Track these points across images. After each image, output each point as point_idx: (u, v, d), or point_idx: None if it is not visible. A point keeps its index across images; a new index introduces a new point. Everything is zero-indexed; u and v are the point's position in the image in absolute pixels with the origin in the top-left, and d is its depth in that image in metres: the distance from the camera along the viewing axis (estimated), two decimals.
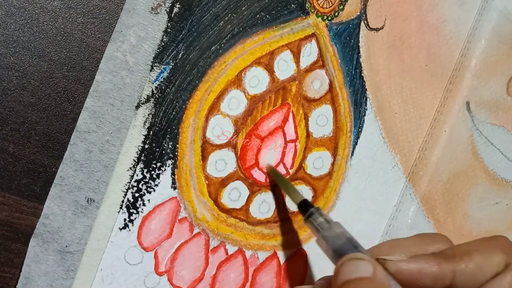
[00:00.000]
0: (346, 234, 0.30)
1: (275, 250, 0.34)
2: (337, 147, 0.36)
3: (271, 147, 0.33)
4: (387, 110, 0.38)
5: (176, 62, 0.29)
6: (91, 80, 0.28)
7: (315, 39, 0.34)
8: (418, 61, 0.39)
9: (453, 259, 0.29)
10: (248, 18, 0.31)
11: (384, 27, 0.37)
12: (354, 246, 0.29)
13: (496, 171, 0.44)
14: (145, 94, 0.29)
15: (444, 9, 0.39)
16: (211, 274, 0.32)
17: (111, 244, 0.29)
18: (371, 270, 0.27)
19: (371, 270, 0.27)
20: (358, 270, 0.27)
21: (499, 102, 0.43)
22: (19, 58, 0.26)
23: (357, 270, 0.27)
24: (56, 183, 0.27)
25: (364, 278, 0.27)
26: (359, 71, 0.36)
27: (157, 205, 0.30)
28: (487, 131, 0.43)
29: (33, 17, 0.26)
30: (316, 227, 0.30)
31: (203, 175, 0.31)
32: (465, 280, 0.29)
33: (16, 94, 0.26)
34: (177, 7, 0.29)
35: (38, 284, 0.27)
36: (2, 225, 0.27)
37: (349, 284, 0.27)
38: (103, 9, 0.28)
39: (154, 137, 0.29)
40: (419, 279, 0.29)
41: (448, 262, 0.29)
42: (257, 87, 0.32)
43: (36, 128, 0.27)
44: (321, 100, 0.35)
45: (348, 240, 0.29)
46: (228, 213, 0.32)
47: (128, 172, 0.29)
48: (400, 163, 0.40)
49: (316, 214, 0.30)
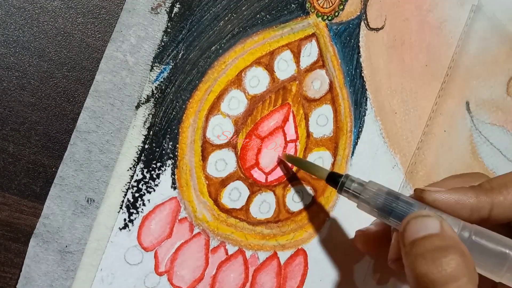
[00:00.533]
0: (383, 190, 0.30)
1: (275, 250, 0.34)
2: (337, 147, 0.36)
3: (271, 147, 0.33)
4: (387, 110, 0.38)
5: (176, 62, 0.29)
6: (91, 80, 0.27)
7: (315, 39, 0.34)
8: (418, 61, 0.39)
9: (491, 192, 0.29)
10: (248, 18, 0.31)
11: (384, 27, 0.37)
12: (396, 197, 0.30)
13: (496, 171, 0.44)
14: (145, 94, 0.29)
15: (444, 9, 0.39)
16: (211, 274, 0.32)
17: (111, 244, 0.29)
18: (438, 226, 0.27)
19: (438, 226, 0.27)
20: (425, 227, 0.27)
21: (499, 102, 0.43)
22: (19, 58, 0.26)
23: (424, 228, 0.27)
24: (56, 183, 0.27)
25: (433, 235, 0.27)
26: (359, 71, 0.36)
27: (157, 205, 0.30)
28: (487, 131, 0.43)
29: (33, 17, 0.26)
30: (353, 194, 0.31)
31: (203, 175, 0.31)
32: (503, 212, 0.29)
33: (16, 94, 0.26)
34: (177, 7, 0.29)
35: (38, 284, 0.27)
36: (2, 225, 0.27)
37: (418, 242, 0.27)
38: (103, 9, 0.28)
39: (154, 137, 0.29)
40: (457, 210, 0.29)
41: (486, 194, 0.29)
42: (257, 87, 0.32)
43: (36, 128, 0.27)
44: (321, 100, 0.35)
45: (387, 194, 0.30)
46: (228, 213, 0.32)
47: (128, 172, 0.29)
48: (400, 163, 0.40)
49: (348, 182, 0.31)
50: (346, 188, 0.31)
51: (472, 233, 0.28)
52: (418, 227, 0.27)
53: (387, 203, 0.30)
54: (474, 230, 0.28)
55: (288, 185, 0.34)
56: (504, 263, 0.27)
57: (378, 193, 0.30)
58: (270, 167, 0.34)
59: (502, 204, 0.29)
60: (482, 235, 0.28)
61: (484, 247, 0.27)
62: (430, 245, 0.26)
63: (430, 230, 0.27)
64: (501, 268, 0.27)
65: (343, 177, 0.31)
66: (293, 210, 0.35)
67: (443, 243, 0.26)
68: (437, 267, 0.25)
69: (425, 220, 0.27)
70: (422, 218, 0.27)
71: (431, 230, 0.27)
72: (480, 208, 0.29)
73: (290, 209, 0.35)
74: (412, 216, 0.28)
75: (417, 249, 0.26)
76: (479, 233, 0.28)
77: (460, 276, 0.25)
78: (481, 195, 0.29)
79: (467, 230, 0.28)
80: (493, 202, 0.29)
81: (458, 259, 0.25)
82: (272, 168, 0.34)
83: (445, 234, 0.27)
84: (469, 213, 0.29)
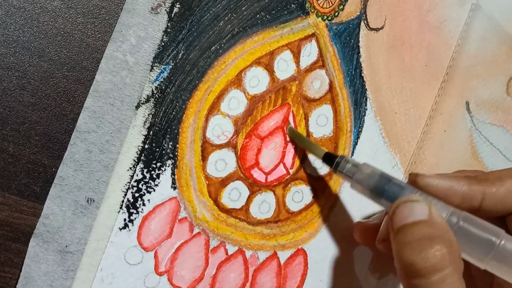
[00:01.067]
0: (376, 172, 0.31)
1: (275, 250, 0.34)
2: (337, 147, 0.36)
3: (271, 147, 0.33)
4: (387, 110, 0.38)
5: (176, 62, 0.29)
6: (91, 80, 0.27)
7: (315, 39, 0.34)
8: (418, 61, 0.39)
9: (485, 182, 0.30)
10: (248, 18, 0.31)
11: (384, 27, 0.37)
12: (388, 180, 0.30)
13: None
14: (145, 94, 0.29)
15: (444, 9, 0.39)
16: (211, 274, 0.32)
17: (111, 244, 0.29)
18: (427, 211, 0.27)
19: (426, 212, 0.27)
20: (413, 213, 0.27)
21: (499, 102, 0.43)
22: (19, 58, 0.26)
23: (412, 214, 0.27)
24: (56, 183, 0.27)
25: (421, 221, 0.27)
26: (359, 71, 0.36)
27: (157, 205, 0.30)
28: (487, 131, 0.43)
29: (33, 17, 0.26)
30: (347, 175, 0.31)
31: (203, 175, 0.31)
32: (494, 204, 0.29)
33: (16, 94, 0.26)
34: (177, 7, 0.29)
35: (38, 284, 0.27)
36: (2, 225, 0.27)
37: (406, 228, 0.27)
38: (103, 9, 0.28)
39: (154, 137, 0.29)
40: (448, 196, 0.29)
41: (479, 184, 0.30)
42: (257, 87, 0.32)
43: (36, 128, 0.27)
44: (321, 100, 0.35)
45: (380, 176, 0.30)
46: (228, 213, 0.32)
47: (128, 172, 0.29)
48: (400, 163, 0.40)
49: (342, 162, 0.32)
50: (340, 169, 0.31)
51: (460, 219, 0.28)
52: (407, 212, 0.27)
53: (379, 184, 0.30)
54: (463, 216, 0.28)
55: (288, 185, 0.34)
56: (490, 250, 0.27)
57: (372, 174, 0.31)
58: (270, 167, 0.34)
59: (494, 195, 0.29)
60: (471, 221, 0.28)
61: (472, 233, 0.27)
62: (418, 233, 0.26)
63: (418, 216, 0.27)
64: (486, 255, 0.27)
65: (339, 157, 0.32)
66: (293, 210, 0.35)
67: (430, 231, 0.26)
68: (423, 257, 0.25)
69: (414, 205, 0.28)
70: (412, 203, 0.28)
71: (420, 216, 0.27)
72: (472, 197, 0.29)
73: (290, 209, 0.35)
74: (402, 201, 0.28)
75: (405, 236, 0.27)
76: (467, 219, 0.28)
77: (445, 266, 0.25)
78: (473, 184, 0.30)
79: (456, 216, 0.28)
80: (485, 192, 0.29)
81: (444, 249, 0.26)
82: (272, 168, 0.34)
83: (433, 220, 0.27)
84: (460, 201, 0.29)
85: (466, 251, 0.28)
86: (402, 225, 0.27)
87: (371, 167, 0.31)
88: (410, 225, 0.27)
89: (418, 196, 0.28)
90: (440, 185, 0.29)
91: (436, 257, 0.25)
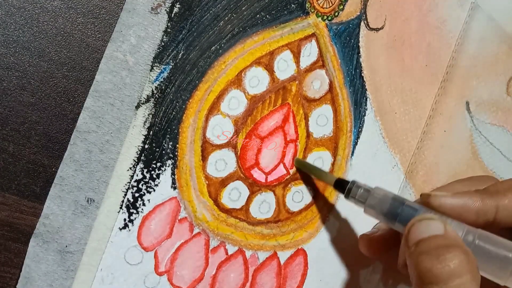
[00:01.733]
0: (389, 195, 0.31)
1: (275, 250, 0.34)
2: (337, 147, 0.36)
3: (271, 147, 0.33)
4: (387, 110, 0.38)
5: (176, 62, 0.29)
6: (91, 80, 0.27)
7: (315, 39, 0.34)
8: (418, 61, 0.39)
9: (497, 195, 0.30)
10: (248, 18, 0.31)
11: (384, 27, 0.37)
12: (401, 203, 0.30)
13: (495, 171, 0.44)
14: (145, 94, 0.29)
15: (444, 9, 0.39)
16: (211, 274, 0.32)
17: (111, 244, 0.29)
18: (442, 228, 0.27)
19: (442, 228, 0.27)
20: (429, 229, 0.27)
21: (499, 102, 0.43)
22: (19, 58, 0.26)
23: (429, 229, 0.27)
24: (56, 183, 0.27)
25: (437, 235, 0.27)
26: (359, 71, 0.36)
27: (157, 205, 0.30)
28: (487, 131, 0.43)
29: (33, 17, 0.26)
30: (359, 200, 0.31)
31: (203, 175, 0.31)
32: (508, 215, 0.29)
33: (16, 94, 0.26)
34: (177, 7, 0.29)
35: (38, 284, 0.27)
36: (2, 225, 0.27)
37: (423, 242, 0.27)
38: (103, 9, 0.28)
39: (154, 137, 0.29)
40: (463, 214, 0.29)
41: (491, 197, 0.30)
42: (257, 87, 0.32)
43: (36, 128, 0.27)
44: (321, 100, 0.35)
45: (393, 199, 0.31)
46: (228, 213, 0.32)
47: (128, 172, 0.29)
48: (400, 163, 0.40)
49: (354, 188, 0.32)
50: (352, 195, 0.32)
51: (476, 237, 0.28)
52: (422, 229, 0.28)
53: (392, 208, 0.30)
54: (478, 234, 0.28)
55: (288, 185, 0.34)
56: (508, 266, 0.27)
57: (384, 198, 0.31)
58: (270, 167, 0.34)
59: (507, 207, 0.29)
60: (486, 239, 0.28)
61: (488, 251, 0.27)
62: (434, 244, 0.26)
63: (434, 231, 0.27)
64: (505, 272, 0.27)
65: (350, 183, 0.32)
66: (293, 210, 0.35)
67: (447, 242, 0.26)
68: (441, 262, 0.25)
69: (429, 222, 0.28)
70: (427, 221, 0.28)
71: (435, 231, 0.27)
72: (486, 212, 0.29)
73: (290, 209, 0.35)
74: (417, 219, 0.28)
75: (421, 247, 0.27)
76: (483, 237, 0.28)
77: (463, 273, 0.25)
78: (486, 198, 0.29)
79: (471, 234, 0.28)
80: (498, 205, 0.29)
81: (461, 256, 0.25)
82: (272, 168, 0.34)
83: (448, 235, 0.27)
84: (475, 217, 0.29)
85: (485, 268, 0.28)
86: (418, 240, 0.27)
87: (383, 190, 0.31)
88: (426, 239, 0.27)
89: (432, 215, 0.28)
90: (454, 204, 0.29)
91: (454, 263, 0.25)
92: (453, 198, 0.29)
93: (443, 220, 0.28)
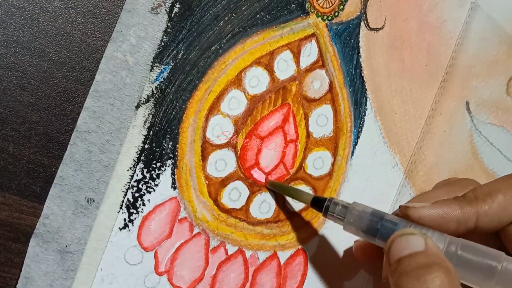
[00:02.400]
0: (367, 211, 0.30)
1: (275, 250, 0.34)
2: (337, 147, 0.36)
3: (271, 147, 0.33)
4: (387, 110, 0.38)
5: (176, 62, 0.29)
6: (91, 80, 0.27)
7: (315, 39, 0.34)
8: (418, 61, 0.39)
9: (476, 202, 0.29)
10: (248, 18, 0.31)
11: (384, 27, 0.37)
12: (380, 218, 0.29)
13: (495, 171, 0.44)
14: (145, 94, 0.29)
15: (444, 9, 0.39)
16: (211, 274, 0.32)
17: (111, 244, 0.29)
18: (423, 243, 0.27)
19: (422, 244, 0.27)
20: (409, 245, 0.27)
21: (499, 102, 0.43)
22: (19, 58, 0.26)
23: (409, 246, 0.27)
24: (56, 183, 0.27)
25: (418, 252, 0.26)
26: (359, 71, 0.36)
27: (157, 205, 0.30)
28: (487, 131, 0.43)
29: (33, 17, 0.26)
30: (338, 218, 0.31)
31: (203, 175, 0.31)
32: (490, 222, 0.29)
33: (16, 94, 0.26)
34: (177, 7, 0.29)
35: (38, 284, 0.27)
36: (2, 225, 0.27)
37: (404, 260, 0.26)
38: (103, 9, 0.28)
39: (154, 137, 0.29)
40: (443, 224, 0.29)
41: (470, 205, 0.29)
42: (257, 87, 0.32)
43: (36, 128, 0.27)
44: (321, 100, 0.35)
45: (372, 215, 0.30)
46: (228, 213, 0.32)
47: (128, 172, 0.29)
48: (400, 163, 0.40)
49: (332, 205, 0.31)
50: (330, 213, 0.31)
51: (458, 247, 0.27)
52: (403, 245, 0.27)
53: (371, 224, 0.29)
54: (461, 244, 0.28)
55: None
56: (493, 275, 0.26)
57: (362, 214, 0.30)
58: (270, 167, 0.34)
59: (487, 213, 0.29)
60: (469, 249, 0.27)
61: (472, 261, 0.27)
62: (415, 263, 0.26)
63: (414, 248, 0.27)
64: (491, 281, 0.27)
65: (327, 200, 0.31)
66: (293, 210, 0.35)
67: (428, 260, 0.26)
68: (421, 284, 0.25)
69: (409, 238, 0.27)
70: (407, 236, 0.27)
71: (416, 248, 0.27)
72: (466, 220, 0.29)
73: (290, 209, 0.35)
74: (397, 235, 0.28)
75: (402, 267, 0.26)
76: (466, 248, 0.27)
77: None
78: (465, 206, 0.29)
79: (454, 245, 0.28)
80: (478, 212, 0.29)
81: (442, 276, 0.25)
82: (272, 168, 0.34)
83: (429, 251, 0.26)
84: (455, 226, 0.29)
85: (469, 279, 0.27)
86: (398, 258, 0.27)
87: (361, 205, 0.30)
88: (406, 257, 0.26)
89: (412, 229, 0.28)
90: (433, 215, 0.29)
91: (435, 284, 0.25)
92: (432, 209, 0.29)
93: (423, 234, 0.27)
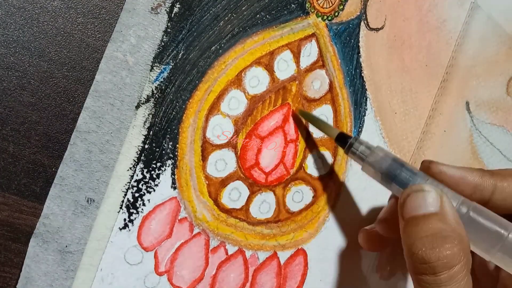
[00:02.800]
0: (390, 155, 0.30)
1: (275, 250, 0.34)
2: (338, 147, 0.36)
3: (271, 147, 0.33)
4: (387, 110, 0.38)
5: (176, 62, 0.29)
6: (91, 80, 0.27)
7: (315, 39, 0.34)
8: (418, 61, 0.39)
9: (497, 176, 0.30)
10: (248, 18, 0.31)
11: (384, 27, 0.37)
12: (400, 165, 0.30)
13: None
14: (145, 94, 0.29)
15: (444, 9, 0.39)
16: (211, 274, 0.32)
17: (111, 244, 0.29)
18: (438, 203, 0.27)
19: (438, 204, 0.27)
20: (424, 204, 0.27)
21: (499, 102, 0.43)
22: (19, 58, 0.26)
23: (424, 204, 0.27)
24: (56, 183, 0.27)
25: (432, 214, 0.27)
26: (359, 71, 0.36)
27: (157, 205, 0.30)
28: (487, 131, 0.43)
29: (33, 17, 0.26)
30: (359, 156, 0.31)
31: (203, 175, 0.31)
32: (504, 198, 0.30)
33: (16, 94, 0.26)
34: (177, 7, 0.29)
35: (38, 284, 0.27)
36: (2, 225, 0.27)
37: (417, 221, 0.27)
38: (103, 9, 0.28)
39: (154, 137, 0.29)
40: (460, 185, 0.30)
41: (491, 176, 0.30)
42: (257, 87, 0.32)
43: (36, 128, 0.27)
44: (321, 100, 0.35)
45: (393, 160, 0.30)
46: (228, 213, 0.32)
47: (128, 172, 0.29)
48: None
49: (356, 143, 0.31)
50: (353, 149, 0.31)
51: (470, 209, 0.28)
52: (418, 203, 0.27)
53: (391, 169, 0.29)
54: (473, 206, 0.28)
55: (288, 185, 0.34)
56: (497, 242, 0.27)
57: (384, 158, 0.30)
58: (270, 167, 0.34)
59: (505, 190, 0.30)
60: (480, 212, 0.28)
61: (481, 224, 0.27)
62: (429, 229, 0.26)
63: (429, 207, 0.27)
64: (494, 247, 0.27)
65: (352, 138, 0.31)
66: (293, 210, 0.35)
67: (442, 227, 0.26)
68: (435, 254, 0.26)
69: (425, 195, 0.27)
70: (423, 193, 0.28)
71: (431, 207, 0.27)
72: (483, 189, 0.30)
73: (290, 209, 0.35)
74: (413, 189, 0.28)
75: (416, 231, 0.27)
76: (478, 210, 0.28)
77: (455, 264, 0.26)
78: (485, 176, 0.30)
79: (466, 206, 0.28)
80: (496, 185, 0.30)
81: (455, 248, 0.26)
82: (272, 168, 0.34)
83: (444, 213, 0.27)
84: (471, 191, 0.30)
85: (474, 241, 0.27)
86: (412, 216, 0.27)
87: (384, 150, 0.31)
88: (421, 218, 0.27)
89: (429, 186, 0.28)
90: (453, 174, 0.30)
91: (448, 256, 0.25)
92: (454, 169, 0.30)
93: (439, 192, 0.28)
